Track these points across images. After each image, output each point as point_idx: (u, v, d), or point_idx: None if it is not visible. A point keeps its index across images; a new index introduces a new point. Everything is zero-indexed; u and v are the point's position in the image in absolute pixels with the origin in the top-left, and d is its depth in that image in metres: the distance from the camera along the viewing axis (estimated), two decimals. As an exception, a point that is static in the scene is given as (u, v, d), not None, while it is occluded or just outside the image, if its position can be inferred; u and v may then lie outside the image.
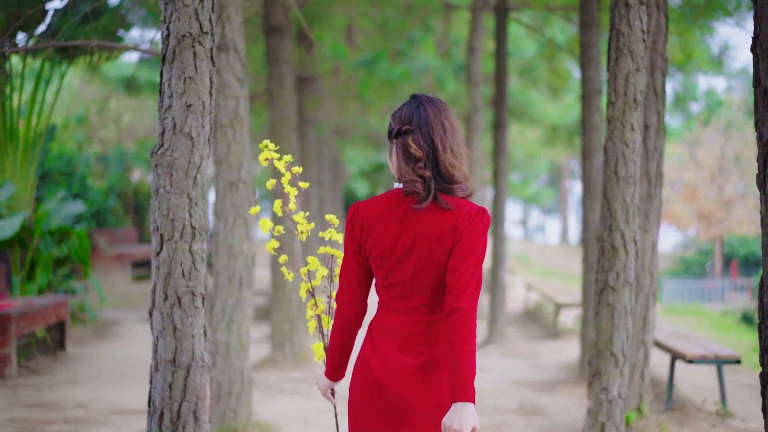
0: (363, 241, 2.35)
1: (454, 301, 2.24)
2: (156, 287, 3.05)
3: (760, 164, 2.32)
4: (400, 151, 2.30)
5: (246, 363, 4.94)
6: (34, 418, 5.70)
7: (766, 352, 2.33)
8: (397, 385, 2.31)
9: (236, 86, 4.80)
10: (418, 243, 2.30)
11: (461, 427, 2.16)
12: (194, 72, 3.03)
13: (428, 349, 2.33)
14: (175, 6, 3.02)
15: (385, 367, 2.33)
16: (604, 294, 3.99)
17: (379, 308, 2.42)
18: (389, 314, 2.37)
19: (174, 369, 3.04)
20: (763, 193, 2.31)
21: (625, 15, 3.83)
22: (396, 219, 2.31)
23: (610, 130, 3.90)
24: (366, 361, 2.38)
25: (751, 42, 2.31)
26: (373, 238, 2.33)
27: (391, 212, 2.32)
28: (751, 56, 2.36)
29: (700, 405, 6.02)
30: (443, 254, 2.29)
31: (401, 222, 2.31)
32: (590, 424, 4.01)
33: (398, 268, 2.32)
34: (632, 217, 3.93)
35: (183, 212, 3.02)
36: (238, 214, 4.88)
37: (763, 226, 2.32)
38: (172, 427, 3.04)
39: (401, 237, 2.30)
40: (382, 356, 2.35)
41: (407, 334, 2.34)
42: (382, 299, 2.41)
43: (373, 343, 2.38)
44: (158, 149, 3.05)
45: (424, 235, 2.29)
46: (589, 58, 6.75)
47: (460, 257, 2.28)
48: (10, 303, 7.38)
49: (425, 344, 2.33)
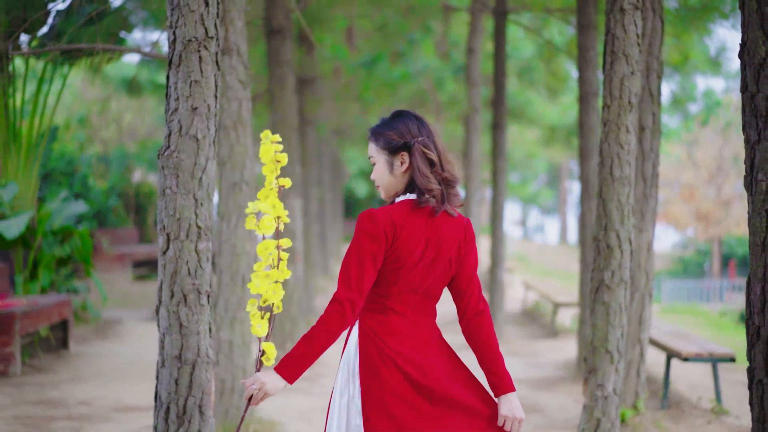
0: (389, 248, 2.39)
1: (477, 305, 2.47)
2: (162, 285, 3.13)
3: (748, 166, 2.41)
4: (422, 158, 2.42)
5: (249, 360, 5.03)
6: (38, 414, 5.78)
7: (753, 347, 2.41)
8: (441, 386, 2.39)
9: (239, 88, 4.88)
10: (442, 252, 2.43)
11: (521, 414, 2.39)
12: (200, 76, 3.11)
13: (447, 350, 2.49)
14: (182, 12, 3.10)
15: (423, 372, 2.39)
16: (599, 292, 4.07)
17: (381, 313, 2.44)
18: (401, 319, 2.44)
19: (180, 365, 3.12)
20: (751, 194, 2.39)
21: (620, 19, 3.91)
22: (421, 228, 2.41)
23: (605, 132, 3.99)
24: (397, 368, 2.38)
25: (739, 49, 2.40)
26: (401, 246, 2.38)
27: (415, 221, 2.41)
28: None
29: (696, 402, 6.11)
30: (457, 261, 2.46)
31: (425, 230, 2.41)
32: (586, 420, 4.09)
33: (423, 276, 2.42)
34: (627, 217, 4.01)
35: (189, 212, 3.10)
36: (242, 214, 4.97)
37: (750, 226, 2.41)
38: (178, 421, 3.13)
39: (428, 246, 2.41)
40: (414, 362, 2.40)
41: (426, 337, 2.45)
42: (388, 304, 2.43)
43: (392, 348, 2.40)
44: (165, 151, 3.13)
45: (448, 244, 2.44)
46: (586, 60, 6.84)
47: (473, 263, 2.49)
48: (13, 302, 7.46)
49: (443, 347, 2.49)
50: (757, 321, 2.41)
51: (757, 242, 2.38)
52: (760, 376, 2.40)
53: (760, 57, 2.35)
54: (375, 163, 2.49)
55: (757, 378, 2.41)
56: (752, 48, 2.37)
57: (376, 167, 2.49)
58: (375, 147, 2.48)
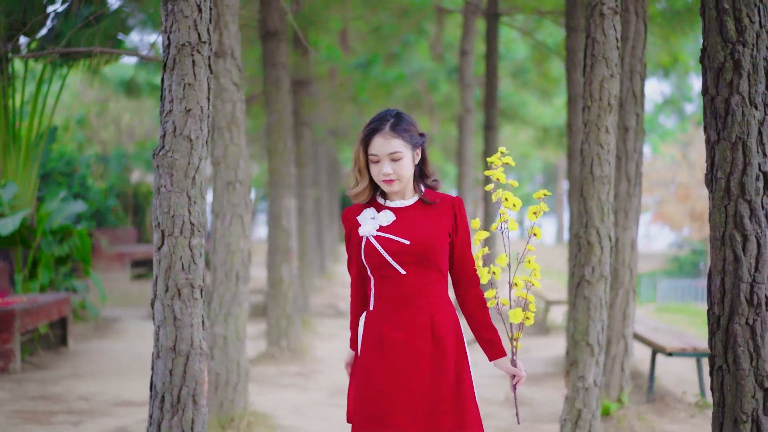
0: None
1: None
2: (157, 280, 3.27)
3: (708, 165, 2.56)
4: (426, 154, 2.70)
5: (243, 354, 5.16)
6: (38, 409, 5.91)
7: (714, 335, 2.56)
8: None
9: (233, 90, 5.02)
10: None
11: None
12: (193, 79, 3.24)
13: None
14: (175, 17, 3.24)
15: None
16: (580, 287, 4.22)
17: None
18: None
19: (174, 356, 3.26)
20: (711, 191, 2.54)
21: (599, 24, 4.05)
22: None
23: (585, 133, 4.13)
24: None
25: (700, 54, 2.54)
26: None
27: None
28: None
29: (680, 396, 6.26)
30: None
31: None
32: (568, 411, 4.24)
33: None
34: (607, 215, 4.16)
35: (183, 210, 3.24)
36: (235, 213, 5.10)
37: (710, 222, 2.56)
38: (172, 410, 3.26)
39: None
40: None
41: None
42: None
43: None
44: (159, 151, 3.27)
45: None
46: (575, 62, 6.97)
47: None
48: (13, 300, 7.59)
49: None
50: (717, 311, 2.55)
51: (717, 237, 2.53)
52: (720, 363, 2.54)
53: (719, 62, 2.49)
54: (401, 158, 2.59)
55: (717, 365, 2.56)
56: (712, 53, 2.51)
57: (401, 162, 2.59)
58: (402, 142, 2.59)
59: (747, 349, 2.49)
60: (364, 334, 2.67)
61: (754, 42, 2.46)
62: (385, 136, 2.58)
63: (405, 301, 2.59)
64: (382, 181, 2.61)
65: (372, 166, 2.62)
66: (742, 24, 2.45)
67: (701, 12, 2.55)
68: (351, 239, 2.68)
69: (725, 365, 2.53)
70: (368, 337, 2.64)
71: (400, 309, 2.59)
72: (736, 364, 2.50)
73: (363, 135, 2.64)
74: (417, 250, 2.58)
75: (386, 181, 2.61)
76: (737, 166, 2.48)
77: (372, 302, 2.66)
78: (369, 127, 2.63)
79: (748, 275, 2.48)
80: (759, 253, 2.48)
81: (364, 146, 2.62)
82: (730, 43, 2.47)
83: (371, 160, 2.61)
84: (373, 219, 2.64)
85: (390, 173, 2.58)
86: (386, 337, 2.58)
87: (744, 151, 2.47)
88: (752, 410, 2.49)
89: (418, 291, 2.58)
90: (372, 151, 2.60)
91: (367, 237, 2.61)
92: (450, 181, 30.39)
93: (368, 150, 2.61)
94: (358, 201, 2.70)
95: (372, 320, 2.64)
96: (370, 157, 2.61)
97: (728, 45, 2.47)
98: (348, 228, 2.70)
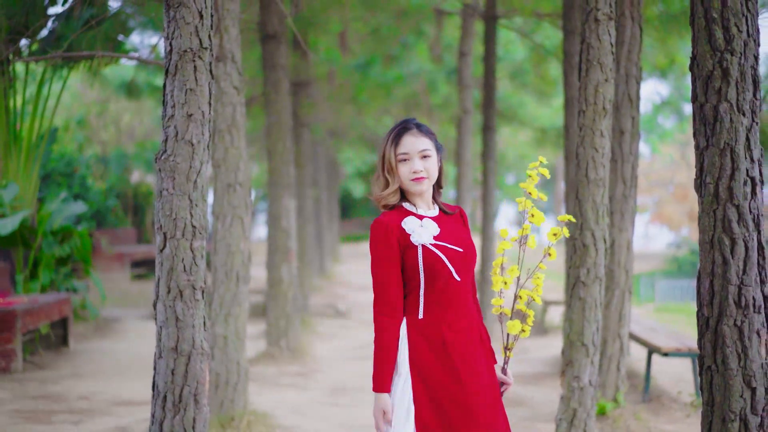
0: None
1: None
2: (160, 281, 3.33)
3: (698, 170, 2.62)
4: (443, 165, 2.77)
5: (242, 354, 5.23)
6: (40, 408, 5.97)
7: (703, 336, 2.62)
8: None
9: (233, 94, 5.08)
10: None
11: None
12: (195, 84, 3.30)
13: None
14: (177, 24, 3.30)
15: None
16: (576, 288, 4.28)
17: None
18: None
19: (176, 356, 3.32)
20: (700, 196, 2.60)
21: (594, 29, 4.12)
22: None
23: (581, 137, 4.19)
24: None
25: (690, 62, 2.60)
26: None
27: None
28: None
29: (676, 396, 6.32)
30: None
31: None
32: (563, 410, 4.30)
33: None
34: (602, 217, 4.22)
35: (184, 212, 3.30)
36: (236, 214, 5.17)
37: (700, 225, 2.62)
38: (174, 409, 3.33)
39: None
40: None
41: None
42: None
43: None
44: (162, 155, 3.33)
45: None
46: (572, 65, 7.03)
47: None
48: (15, 300, 7.65)
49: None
50: (706, 312, 2.62)
51: (705, 240, 2.59)
52: (709, 363, 2.61)
53: (708, 70, 2.56)
54: (430, 156, 2.68)
55: (706, 365, 2.63)
56: (701, 61, 2.58)
57: (429, 160, 2.67)
58: (432, 143, 2.70)
59: (735, 350, 2.56)
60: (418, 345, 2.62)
61: (741, 51, 2.52)
62: (415, 134, 2.67)
63: (460, 307, 2.65)
64: (412, 180, 2.66)
65: (401, 165, 2.67)
66: (730, 33, 2.52)
67: (691, 21, 2.61)
68: (399, 247, 2.64)
69: (714, 365, 2.59)
70: (424, 347, 2.61)
71: (458, 314, 2.63)
72: (724, 364, 2.57)
73: (392, 135, 2.69)
74: (468, 257, 2.67)
75: (416, 179, 2.66)
76: (725, 171, 2.54)
77: (422, 309, 2.63)
78: (397, 129, 2.70)
79: (737, 278, 2.55)
80: (747, 256, 2.55)
81: (394, 146, 2.68)
82: (718, 52, 2.54)
83: (400, 159, 2.66)
84: (422, 227, 2.66)
85: (421, 170, 2.64)
86: (448, 341, 2.60)
87: (732, 156, 2.54)
88: (740, 409, 2.55)
89: (466, 296, 2.67)
90: (402, 149, 2.66)
91: (424, 245, 2.63)
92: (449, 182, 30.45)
93: (398, 149, 2.67)
94: (387, 203, 2.70)
95: (429, 326, 2.62)
96: (400, 156, 2.66)
97: (717, 53, 2.54)
98: (395, 237, 2.64)
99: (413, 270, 2.62)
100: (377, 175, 2.72)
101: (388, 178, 2.68)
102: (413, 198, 2.72)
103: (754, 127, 2.55)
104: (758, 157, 2.56)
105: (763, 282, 2.56)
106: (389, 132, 2.72)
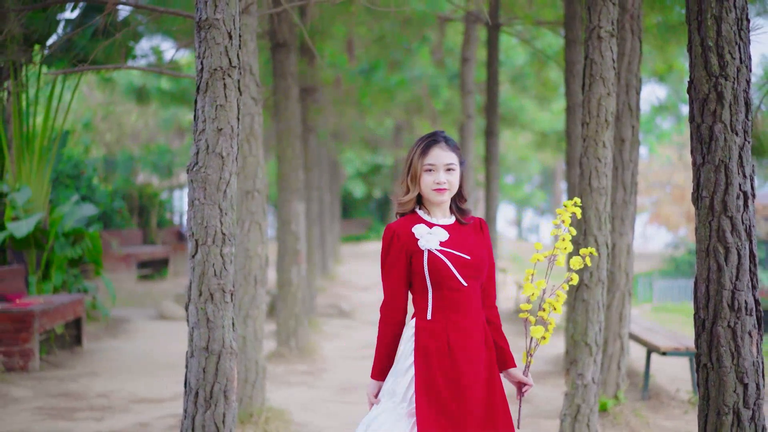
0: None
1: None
2: (192, 285, 3.55)
3: (695, 185, 2.86)
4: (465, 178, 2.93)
5: (260, 353, 5.45)
6: (61, 406, 6.19)
7: (699, 337, 2.86)
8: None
9: (251, 104, 5.31)
10: None
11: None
12: (224, 101, 3.53)
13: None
14: (208, 44, 3.52)
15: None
16: (579, 291, 4.52)
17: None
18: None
19: (207, 355, 3.54)
20: (697, 208, 2.84)
21: (597, 46, 4.35)
22: None
23: (584, 147, 4.42)
24: None
25: (687, 85, 2.84)
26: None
27: None
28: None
29: (674, 393, 6.56)
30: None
31: None
32: (567, 407, 4.54)
33: None
34: (604, 224, 4.45)
35: (215, 221, 3.52)
36: (254, 220, 5.39)
37: (697, 235, 2.86)
38: (205, 405, 3.55)
39: None
40: None
41: None
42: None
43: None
44: (193, 167, 3.55)
45: None
46: (573, 73, 7.25)
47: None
48: (32, 301, 7.87)
49: None
50: (702, 315, 2.86)
51: (702, 249, 2.83)
52: (705, 361, 2.85)
53: (704, 93, 2.79)
54: (454, 170, 2.84)
55: (702, 363, 2.87)
56: (698, 85, 2.82)
57: (453, 173, 2.83)
58: (456, 158, 2.86)
59: (729, 349, 2.80)
60: (424, 343, 2.78)
61: (735, 76, 2.76)
62: (443, 148, 2.84)
63: (466, 312, 2.79)
64: (434, 190, 2.82)
65: (425, 175, 2.83)
66: (725, 60, 2.76)
67: (688, 48, 2.85)
68: (407, 253, 2.82)
69: (709, 363, 2.83)
70: (431, 346, 2.78)
71: (464, 319, 2.79)
72: (719, 362, 2.81)
73: (422, 146, 2.85)
74: (476, 265, 2.83)
75: (439, 190, 2.82)
76: (720, 186, 2.78)
77: (430, 313, 2.79)
78: (426, 140, 2.87)
79: (730, 283, 2.79)
80: (739, 264, 2.79)
81: (422, 156, 2.84)
82: (713, 77, 2.78)
83: (426, 169, 2.82)
84: (431, 234, 2.83)
85: (444, 182, 2.82)
86: (454, 344, 2.77)
87: (726, 173, 2.78)
88: (733, 403, 2.80)
89: (473, 302, 2.83)
90: (429, 160, 2.82)
91: (429, 250, 2.79)
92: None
93: (425, 160, 2.83)
94: (405, 209, 2.89)
95: (435, 330, 2.78)
96: (426, 166, 2.82)
97: (712, 78, 2.78)
98: (403, 242, 2.81)
99: (420, 274, 2.79)
100: (401, 180, 2.91)
101: (410, 186, 2.86)
102: (431, 207, 2.89)
103: (746, 145, 2.78)
104: (750, 172, 2.79)
105: (755, 287, 2.80)
106: (418, 142, 2.89)
